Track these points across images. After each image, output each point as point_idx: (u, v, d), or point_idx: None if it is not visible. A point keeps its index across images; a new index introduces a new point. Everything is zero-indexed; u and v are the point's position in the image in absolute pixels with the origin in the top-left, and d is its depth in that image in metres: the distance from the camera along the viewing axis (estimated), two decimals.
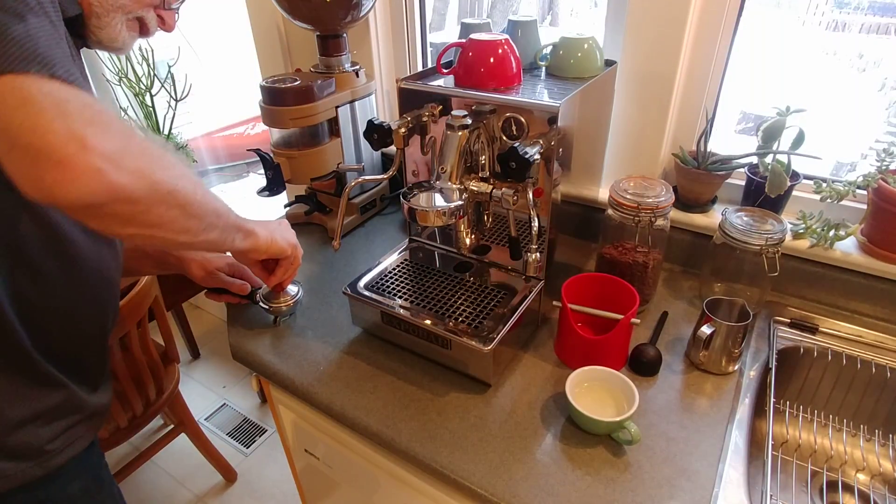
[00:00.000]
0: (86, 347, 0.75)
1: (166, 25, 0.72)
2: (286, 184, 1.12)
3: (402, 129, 0.81)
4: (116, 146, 0.46)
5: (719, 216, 0.94)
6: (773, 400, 0.81)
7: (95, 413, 0.77)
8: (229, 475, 1.78)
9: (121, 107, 2.04)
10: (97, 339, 0.77)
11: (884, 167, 0.88)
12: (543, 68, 0.93)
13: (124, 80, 1.83)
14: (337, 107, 1.12)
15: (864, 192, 0.91)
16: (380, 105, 1.37)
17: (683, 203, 1.05)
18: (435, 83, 0.86)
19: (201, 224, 0.58)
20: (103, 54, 1.86)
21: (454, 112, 0.78)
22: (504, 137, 0.81)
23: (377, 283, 0.91)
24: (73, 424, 0.74)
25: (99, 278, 0.73)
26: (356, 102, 1.17)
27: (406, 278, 0.93)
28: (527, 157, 0.70)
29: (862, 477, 0.86)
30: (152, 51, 1.81)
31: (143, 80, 1.83)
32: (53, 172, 0.43)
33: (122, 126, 0.49)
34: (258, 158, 1.10)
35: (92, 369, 0.78)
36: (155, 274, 0.94)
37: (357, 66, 1.18)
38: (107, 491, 0.83)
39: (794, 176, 0.95)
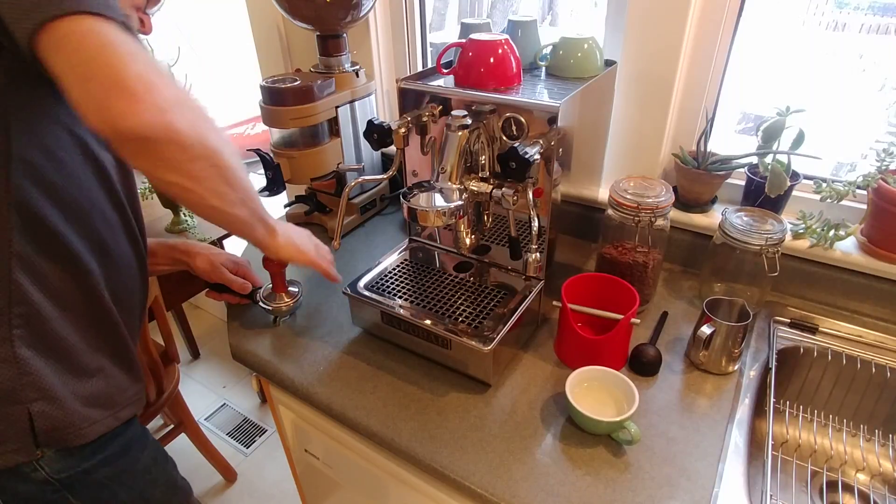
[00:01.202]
0: (132, 315, 0.80)
1: (145, 28, 0.75)
2: (286, 184, 1.12)
3: (402, 129, 0.81)
4: (178, 98, 0.53)
5: (719, 216, 0.94)
6: (773, 400, 0.81)
7: (140, 381, 0.81)
8: (229, 475, 1.78)
9: None
10: (138, 311, 0.82)
11: (884, 167, 0.88)
12: (543, 68, 0.93)
13: None
14: (337, 107, 1.12)
15: (864, 192, 0.91)
16: (380, 105, 1.37)
17: (683, 203, 1.05)
18: (435, 83, 0.86)
19: (235, 195, 0.62)
20: None
21: (454, 112, 0.78)
22: (504, 137, 0.81)
23: (377, 283, 0.91)
24: (132, 382, 0.78)
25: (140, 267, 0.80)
26: (356, 102, 1.17)
27: (406, 278, 0.93)
28: (527, 157, 0.70)
29: (862, 477, 0.86)
30: (152, 51, 1.81)
31: None
32: (122, 102, 0.49)
33: (180, 86, 0.55)
34: (258, 158, 1.10)
35: (132, 341, 0.82)
36: (163, 272, 0.96)
37: (357, 66, 1.18)
38: (171, 463, 0.88)
39: (794, 176, 0.95)
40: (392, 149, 0.83)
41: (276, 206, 1.38)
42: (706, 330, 0.80)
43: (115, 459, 0.74)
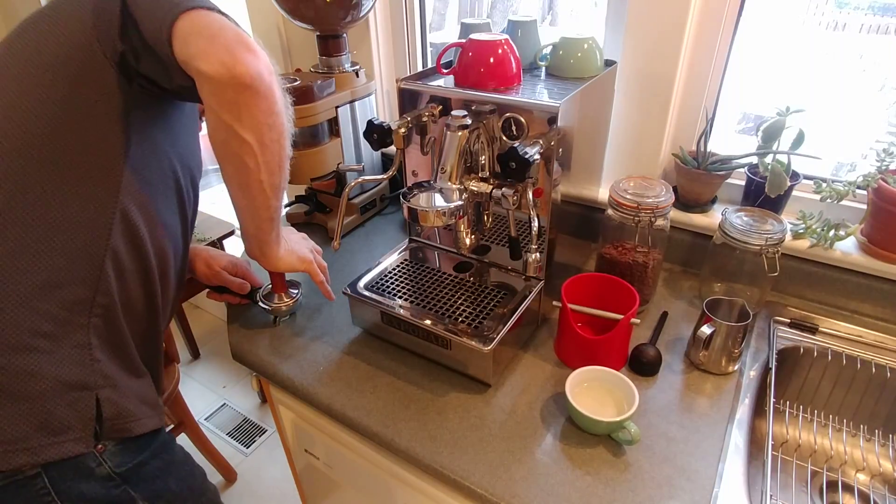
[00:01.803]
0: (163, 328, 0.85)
1: None
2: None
3: (402, 129, 0.81)
4: (264, 68, 0.62)
5: (719, 216, 0.94)
6: (773, 400, 0.81)
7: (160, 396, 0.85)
8: (229, 475, 1.78)
9: None
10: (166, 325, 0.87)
11: (884, 167, 0.88)
12: (543, 68, 0.93)
13: None
14: (337, 107, 1.12)
15: (864, 192, 0.91)
16: (380, 105, 1.37)
17: (683, 203, 1.05)
18: (435, 83, 0.86)
19: (279, 181, 0.71)
20: None
21: (454, 112, 0.78)
22: (504, 137, 0.81)
23: (377, 283, 0.91)
24: (159, 394, 0.83)
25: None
26: (356, 102, 1.17)
27: (406, 278, 0.93)
28: (527, 157, 0.70)
29: (862, 477, 0.86)
30: None
31: None
32: (246, 52, 0.59)
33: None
34: None
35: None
36: None
37: (357, 66, 1.18)
38: (193, 461, 0.90)
39: (794, 176, 0.95)
40: (392, 149, 0.83)
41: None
42: (706, 330, 0.80)
43: (160, 452, 0.76)
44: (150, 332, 0.78)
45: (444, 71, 0.87)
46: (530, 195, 0.77)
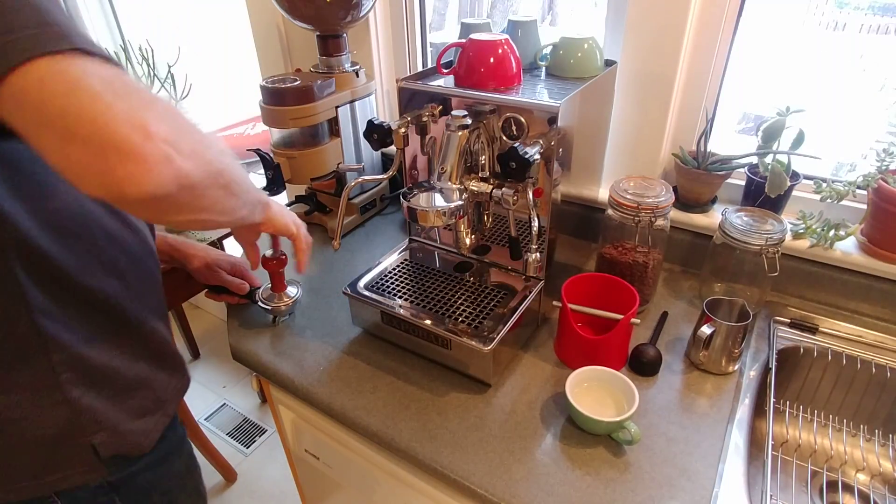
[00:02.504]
0: (158, 303, 0.78)
1: None
2: (286, 184, 1.12)
3: (402, 129, 0.81)
4: (172, 128, 0.43)
5: (719, 216, 0.94)
6: (773, 400, 0.81)
7: (179, 368, 0.80)
8: (229, 475, 1.78)
9: None
10: (160, 295, 0.79)
11: (884, 167, 0.88)
12: (543, 68, 0.93)
13: None
14: (337, 107, 1.12)
15: (864, 192, 0.91)
16: (380, 105, 1.37)
17: (683, 203, 1.05)
18: (435, 83, 0.86)
19: (239, 202, 0.57)
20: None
21: (454, 112, 0.78)
22: (504, 137, 0.81)
23: (377, 283, 0.91)
24: (173, 374, 0.77)
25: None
26: (356, 102, 1.17)
27: (406, 278, 0.93)
28: (527, 157, 0.70)
29: (862, 477, 0.86)
30: (152, 51, 1.82)
31: (144, 80, 1.83)
32: (125, 165, 0.40)
33: (162, 101, 0.45)
34: (258, 158, 1.10)
35: (164, 327, 0.80)
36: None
37: (357, 66, 1.17)
38: (198, 470, 0.88)
39: (794, 176, 0.95)
40: (392, 149, 0.83)
41: None
42: (706, 330, 0.80)
43: (156, 465, 0.74)
44: (136, 333, 0.71)
45: (444, 71, 0.87)
46: (530, 195, 0.77)
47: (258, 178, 1.12)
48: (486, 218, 0.90)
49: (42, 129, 0.40)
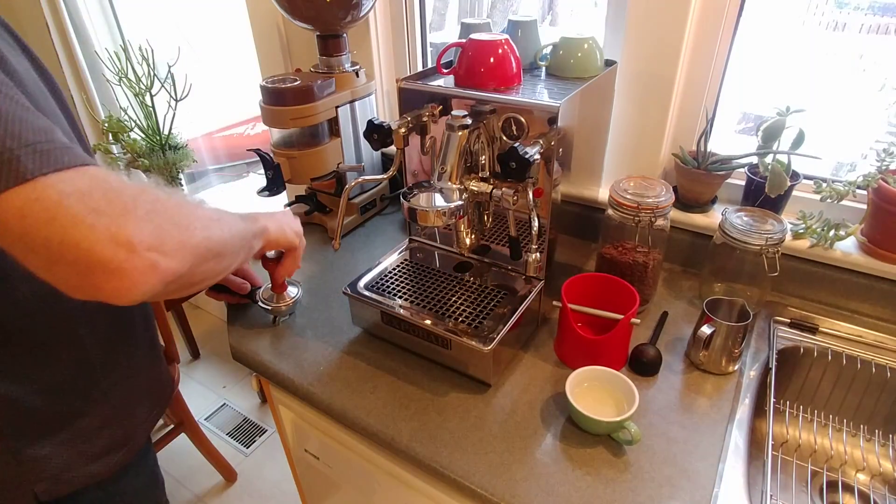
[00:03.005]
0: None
1: None
2: (286, 184, 1.12)
3: (402, 129, 0.81)
4: (154, 228, 0.44)
5: (719, 216, 0.94)
6: (773, 400, 0.81)
7: (164, 392, 0.80)
8: (229, 475, 1.78)
9: (121, 107, 2.04)
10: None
11: (884, 167, 0.88)
12: (543, 68, 0.93)
13: (124, 80, 1.83)
14: (337, 107, 1.12)
15: (864, 192, 0.91)
16: (380, 105, 1.37)
17: (683, 203, 1.05)
18: (435, 83, 0.86)
19: (233, 257, 0.57)
20: (104, 53, 1.86)
21: (454, 112, 0.78)
22: (504, 137, 0.81)
23: (377, 283, 0.91)
24: (155, 402, 0.78)
25: None
26: (356, 102, 1.17)
27: (406, 278, 0.93)
28: (527, 157, 0.70)
29: (862, 477, 0.86)
30: (152, 51, 1.81)
31: (143, 80, 1.83)
32: (111, 282, 0.42)
33: (143, 191, 0.46)
34: (258, 158, 1.10)
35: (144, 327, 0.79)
36: None
37: (357, 66, 1.17)
38: (161, 489, 0.86)
39: (794, 176, 0.95)
40: (392, 149, 0.83)
41: (276, 207, 1.38)
42: (706, 330, 0.80)
43: (107, 485, 0.73)
44: (105, 361, 0.69)
45: (444, 71, 0.87)
46: (530, 195, 0.77)
47: (258, 179, 1.12)
48: (486, 218, 0.90)
49: (28, 254, 0.41)
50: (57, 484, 0.67)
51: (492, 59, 0.81)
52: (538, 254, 0.77)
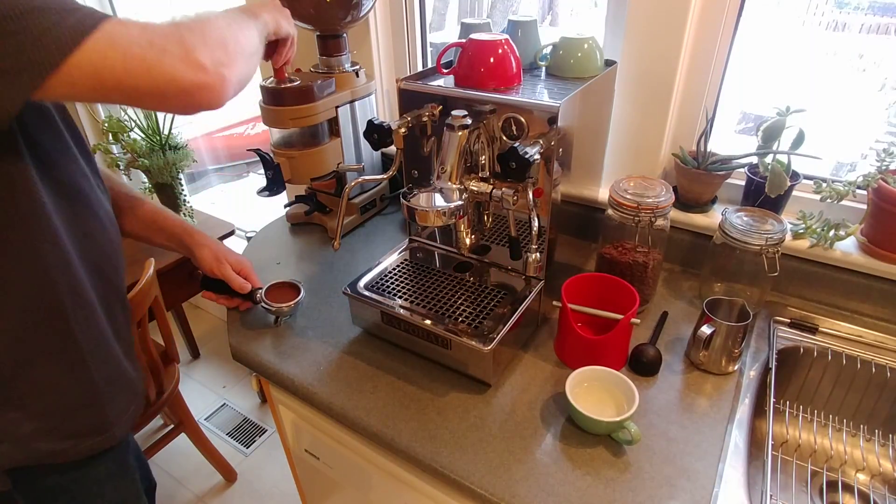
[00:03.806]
0: (117, 300, 0.78)
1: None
2: (286, 184, 1.12)
3: (402, 129, 0.81)
4: (210, 51, 0.56)
5: (719, 216, 0.94)
6: (773, 400, 0.81)
7: (138, 390, 0.81)
8: (229, 475, 1.78)
9: (121, 106, 2.04)
10: (120, 292, 0.80)
11: (884, 167, 0.88)
12: (543, 68, 0.93)
13: None
14: (337, 107, 1.12)
15: (864, 192, 0.91)
16: (380, 105, 1.37)
17: (683, 203, 1.05)
18: (435, 83, 0.86)
19: (259, 54, 0.70)
20: None
21: (454, 112, 0.78)
22: (504, 137, 0.81)
23: (377, 283, 0.91)
24: (130, 396, 0.78)
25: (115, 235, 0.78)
26: (356, 102, 1.17)
27: (406, 278, 0.93)
28: (527, 157, 0.70)
29: (862, 477, 0.86)
30: None
31: None
32: (204, 96, 0.56)
33: (182, 26, 0.57)
34: (258, 158, 1.10)
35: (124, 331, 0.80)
36: (164, 248, 0.97)
37: (357, 66, 1.17)
38: (129, 476, 0.85)
39: (794, 176, 0.95)
40: (392, 149, 0.83)
41: (276, 206, 1.38)
42: (706, 330, 0.80)
43: (67, 470, 0.73)
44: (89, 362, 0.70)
45: (444, 71, 0.87)
46: (530, 195, 0.77)
47: (258, 179, 1.12)
48: (486, 218, 0.90)
49: (109, 94, 0.52)
50: (18, 450, 0.67)
51: (492, 59, 0.81)
52: (538, 254, 0.77)
